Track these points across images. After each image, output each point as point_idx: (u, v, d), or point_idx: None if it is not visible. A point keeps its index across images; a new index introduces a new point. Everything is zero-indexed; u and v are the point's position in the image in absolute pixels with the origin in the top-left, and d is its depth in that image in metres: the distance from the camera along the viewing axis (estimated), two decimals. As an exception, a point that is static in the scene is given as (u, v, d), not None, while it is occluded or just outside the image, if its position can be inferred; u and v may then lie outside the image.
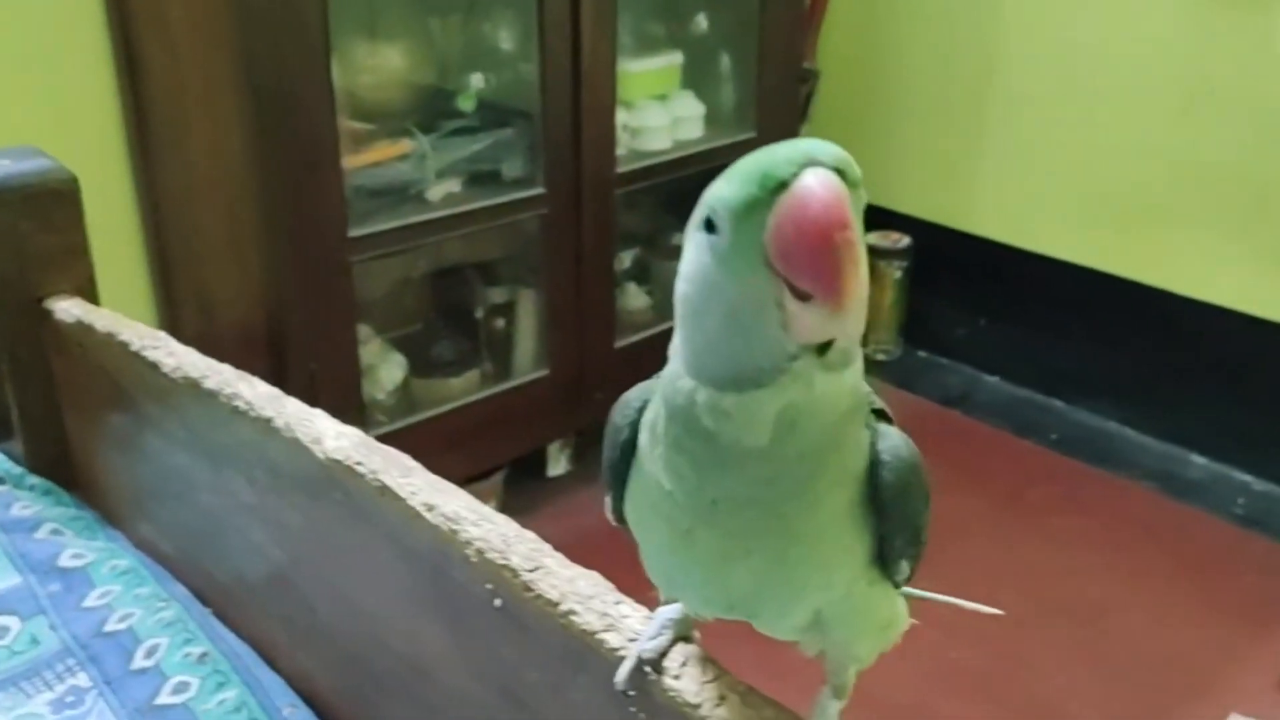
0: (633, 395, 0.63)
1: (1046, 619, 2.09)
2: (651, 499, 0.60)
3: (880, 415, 0.61)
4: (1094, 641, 2.03)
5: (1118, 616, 2.10)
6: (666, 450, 0.57)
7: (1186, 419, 2.46)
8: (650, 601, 0.76)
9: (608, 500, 0.66)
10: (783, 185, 0.48)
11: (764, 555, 0.57)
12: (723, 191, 0.50)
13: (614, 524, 0.68)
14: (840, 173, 0.49)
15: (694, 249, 0.52)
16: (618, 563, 0.82)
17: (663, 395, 0.56)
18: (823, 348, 0.50)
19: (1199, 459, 2.44)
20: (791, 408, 0.51)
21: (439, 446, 2.06)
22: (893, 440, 0.59)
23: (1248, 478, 2.38)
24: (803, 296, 0.47)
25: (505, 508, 2.23)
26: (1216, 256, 2.35)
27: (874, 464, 0.58)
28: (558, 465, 2.36)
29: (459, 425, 2.11)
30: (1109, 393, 2.57)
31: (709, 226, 0.50)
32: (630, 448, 0.62)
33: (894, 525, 0.60)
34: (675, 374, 0.55)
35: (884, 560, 0.61)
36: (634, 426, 0.61)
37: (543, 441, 2.32)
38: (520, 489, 2.31)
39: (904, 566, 0.63)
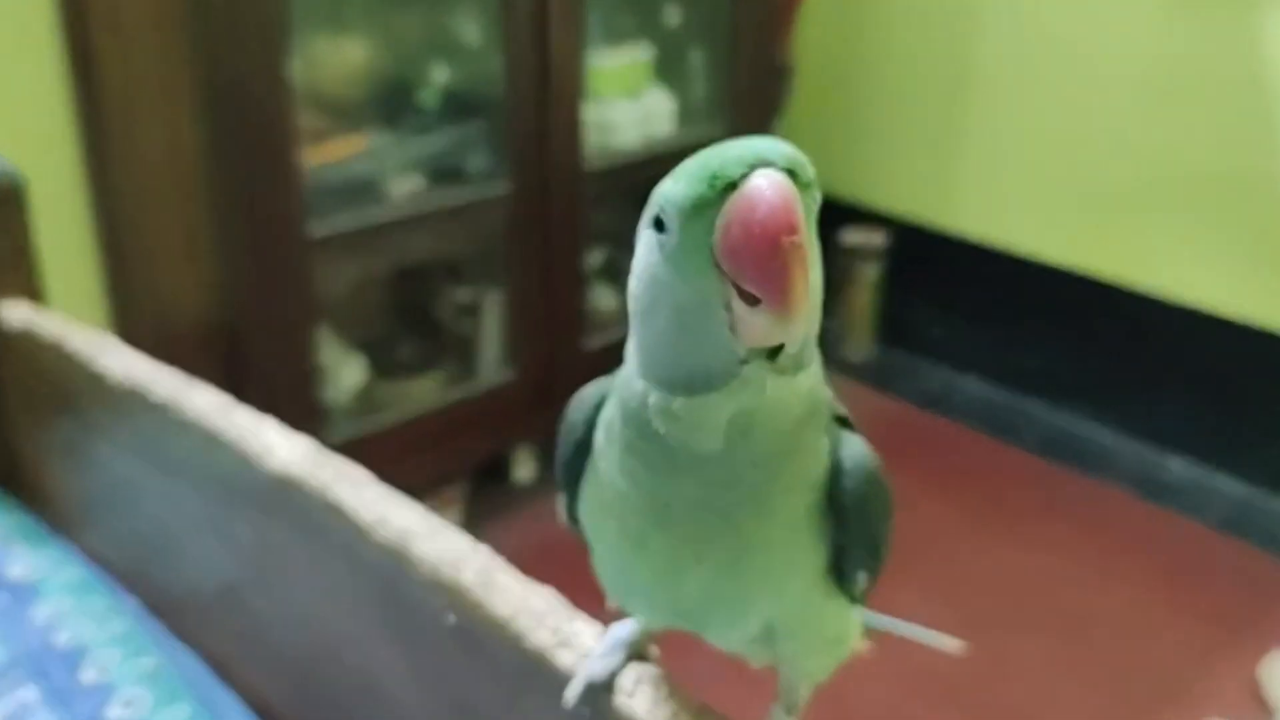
0: (589, 392, 0.62)
1: (1023, 624, 2.06)
2: (605, 500, 0.58)
3: (842, 422, 0.60)
4: (1071, 647, 2.01)
5: (1095, 621, 2.08)
6: (620, 451, 0.55)
7: (1165, 422, 2.45)
8: (609, 616, 0.73)
9: (561, 500, 0.64)
10: (732, 185, 0.47)
11: (716, 563, 0.56)
12: (672, 190, 0.49)
13: (567, 525, 0.66)
14: (792, 174, 0.48)
15: (644, 247, 0.51)
16: (582, 572, 0.78)
17: (618, 395, 0.55)
18: (773, 352, 0.49)
19: (1177, 462, 2.42)
20: (744, 413, 0.50)
21: (402, 451, 2.02)
22: (854, 447, 0.58)
23: (1226, 481, 2.36)
24: (750, 300, 0.46)
25: (469, 514, 2.22)
26: (1195, 258, 2.34)
27: (834, 471, 0.57)
28: (523, 471, 2.32)
29: (422, 429, 2.07)
30: (1087, 394, 2.55)
31: (658, 225, 0.49)
32: (585, 447, 0.60)
33: (852, 535, 0.58)
34: (630, 375, 0.53)
35: (840, 572, 0.60)
36: (590, 425, 0.60)
37: (508, 446, 2.28)
38: (485, 495, 2.27)
39: (861, 578, 0.61)
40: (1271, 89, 2.16)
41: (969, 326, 2.71)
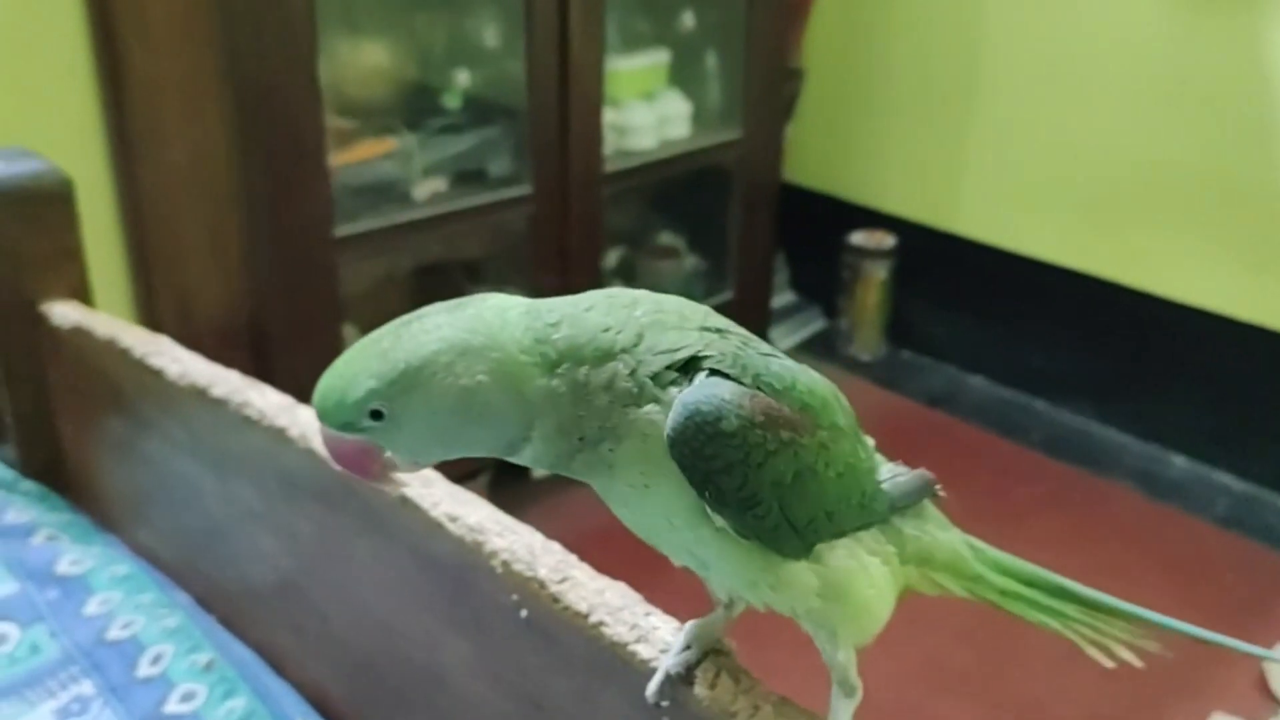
0: None
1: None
2: None
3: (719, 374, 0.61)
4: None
5: (1101, 615, 2.11)
6: None
7: (1168, 419, 2.48)
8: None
9: None
10: None
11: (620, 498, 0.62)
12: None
13: None
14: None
15: None
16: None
17: None
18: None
19: (1180, 459, 2.46)
20: None
21: (425, 448, 2.04)
22: (688, 394, 0.59)
23: (1228, 478, 2.40)
24: None
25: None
26: (1198, 258, 2.37)
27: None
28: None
29: (445, 426, 2.09)
30: (1092, 393, 2.58)
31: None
32: None
33: (685, 471, 0.59)
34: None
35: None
36: None
37: (528, 443, 2.31)
38: (504, 491, 2.29)
39: (713, 512, 0.60)
40: (1272, 92, 2.19)
41: (975, 326, 2.74)
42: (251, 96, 1.72)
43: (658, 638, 0.75)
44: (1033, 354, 2.63)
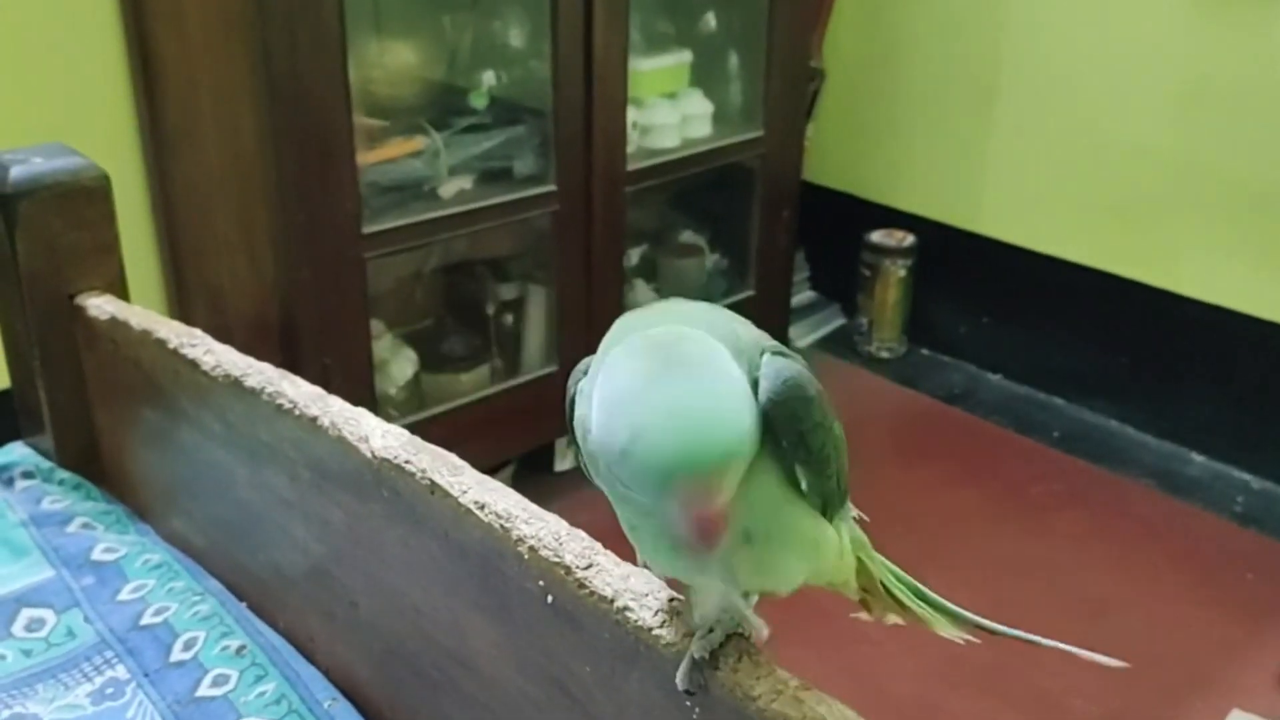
0: (581, 364, 0.69)
1: (1049, 613, 2.11)
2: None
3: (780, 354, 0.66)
4: (1096, 636, 2.03)
5: (1120, 612, 2.13)
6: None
7: (1187, 417, 2.49)
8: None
9: (581, 455, 0.71)
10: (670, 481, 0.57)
11: None
12: (628, 465, 0.58)
13: (586, 476, 0.72)
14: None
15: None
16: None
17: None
18: None
19: (1199, 457, 2.47)
20: None
21: (449, 441, 2.04)
22: (768, 367, 0.64)
23: (1247, 476, 2.41)
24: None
25: (517, 502, 2.27)
26: (1218, 256, 2.38)
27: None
28: (566, 460, 2.38)
29: (468, 420, 2.13)
30: (1110, 391, 2.59)
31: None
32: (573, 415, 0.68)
33: (781, 433, 0.64)
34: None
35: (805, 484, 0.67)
36: (573, 399, 0.68)
37: (551, 437, 2.34)
38: (528, 483, 2.32)
39: (801, 474, 0.66)
40: (1293, 94, 2.20)
41: (994, 324, 2.75)
42: (283, 96, 1.74)
43: (681, 623, 0.77)
44: (1051, 352, 2.64)
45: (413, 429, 2.02)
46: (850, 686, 1.91)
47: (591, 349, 2.42)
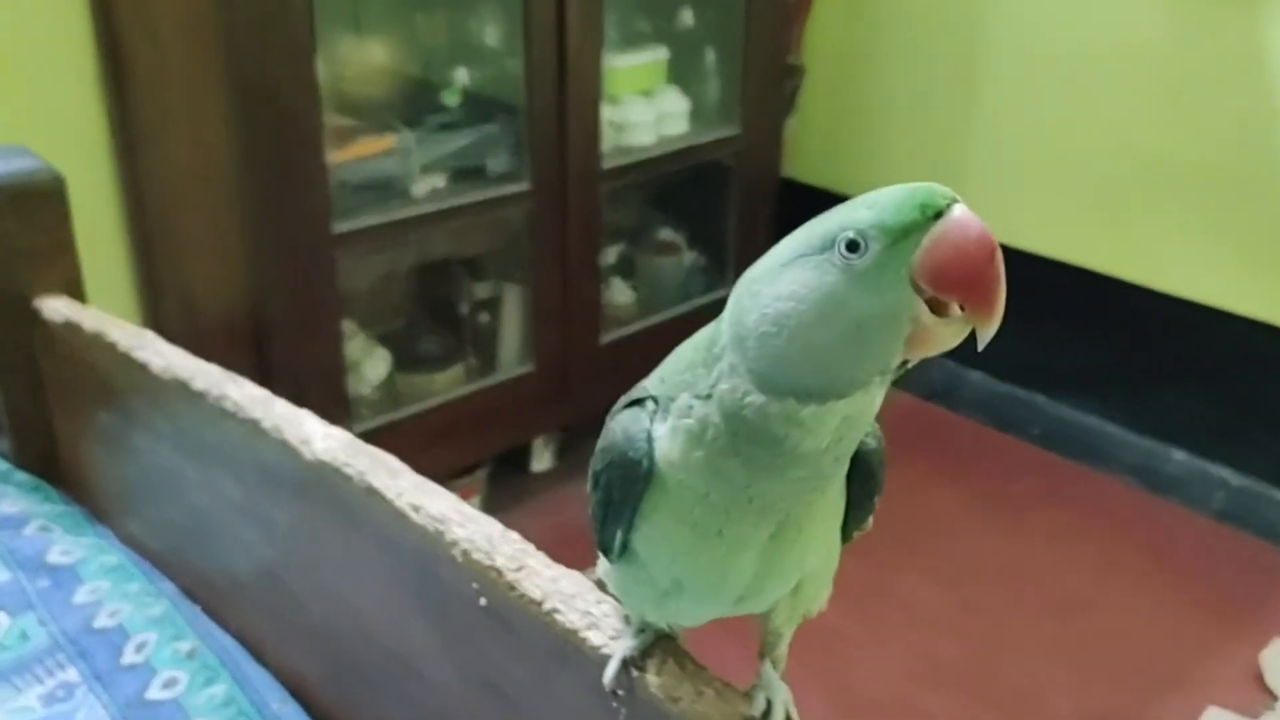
0: (634, 429, 0.66)
1: (1026, 612, 2.11)
2: (680, 511, 0.64)
3: None
4: (1073, 634, 2.06)
5: (1097, 610, 2.12)
6: (715, 456, 0.61)
7: (1167, 414, 2.48)
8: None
9: (616, 538, 0.68)
10: (939, 214, 0.54)
11: (784, 537, 0.64)
12: (873, 217, 0.55)
13: (614, 560, 0.70)
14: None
15: (809, 272, 0.56)
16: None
17: (723, 409, 0.60)
18: (904, 364, 0.56)
19: (1179, 454, 2.46)
20: (848, 418, 0.58)
21: (423, 442, 2.07)
22: None
23: (1226, 472, 2.40)
24: (939, 312, 0.54)
25: (489, 503, 2.27)
26: (1197, 254, 2.37)
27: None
28: (542, 461, 2.38)
29: (443, 420, 2.12)
30: (1091, 388, 2.59)
31: (852, 247, 0.54)
32: (649, 478, 0.65)
33: (871, 488, 0.68)
34: (739, 389, 0.59)
35: (851, 519, 0.69)
36: (650, 456, 0.64)
37: (527, 437, 2.33)
38: (504, 484, 2.32)
39: (869, 522, 0.70)
40: (1272, 88, 2.19)
41: None
42: (251, 94, 1.74)
43: (608, 625, 0.77)
44: (1032, 349, 2.63)
45: (387, 429, 2.04)
46: (825, 688, 1.91)
47: (569, 348, 2.43)
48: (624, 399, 0.68)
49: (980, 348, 0.56)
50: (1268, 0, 2.16)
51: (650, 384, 0.67)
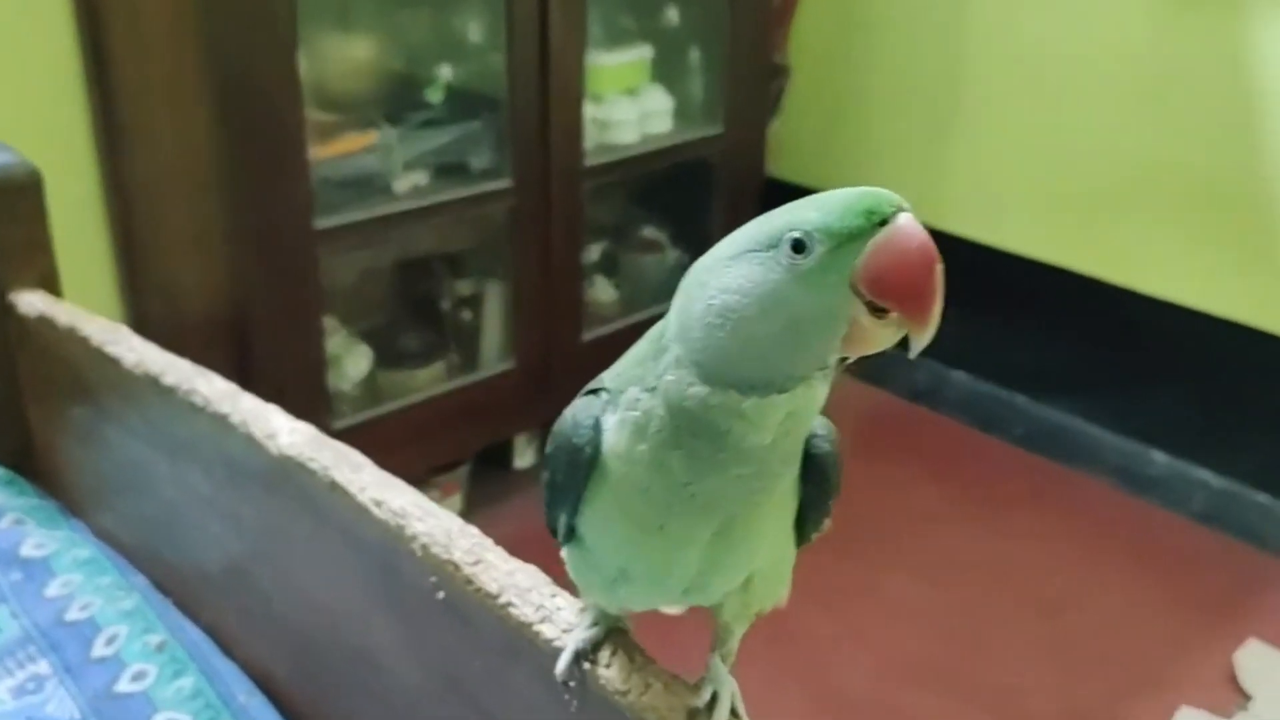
0: (581, 416, 0.67)
1: (1006, 611, 2.12)
2: (621, 502, 0.65)
3: None
4: (1052, 634, 2.07)
5: (1076, 610, 2.13)
6: (658, 449, 0.62)
7: (1148, 415, 2.49)
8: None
9: (560, 521, 0.70)
10: (884, 221, 0.55)
11: (728, 535, 0.64)
12: (819, 220, 0.56)
13: (561, 544, 0.72)
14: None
15: (754, 267, 0.57)
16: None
17: (667, 401, 0.60)
18: (842, 360, 0.58)
19: (1160, 455, 2.47)
20: (793, 413, 0.59)
21: (405, 438, 2.08)
22: (821, 419, 0.67)
23: (1206, 474, 2.40)
24: (878, 314, 0.56)
25: (470, 500, 2.28)
26: (1179, 255, 2.38)
27: (810, 440, 0.66)
28: (524, 457, 2.38)
29: (425, 417, 2.12)
30: (1073, 389, 2.59)
31: (797, 247, 0.56)
32: (592, 465, 0.66)
33: (827, 490, 0.68)
34: (683, 381, 0.60)
35: (807, 521, 0.69)
36: (594, 444, 0.66)
37: (509, 434, 2.34)
38: (486, 481, 2.32)
39: (826, 522, 0.70)
40: (1252, 91, 2.20)
41: (957, 322, 2.71)
42: (233, 90, 1.74)
43: (562, 618, 0.77)
44: (1014, 350, 2.64)
45: (368, 426, 2.04)
46: (806, 686, 1.91)
47: (550, 345, 2.44)
48: (583, 390, 0.69)
49: (912, 354, 0.57)
50: (1247, 6, 2.17)
51: (606, 377, 0.68)
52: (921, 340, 0.56)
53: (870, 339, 0.57)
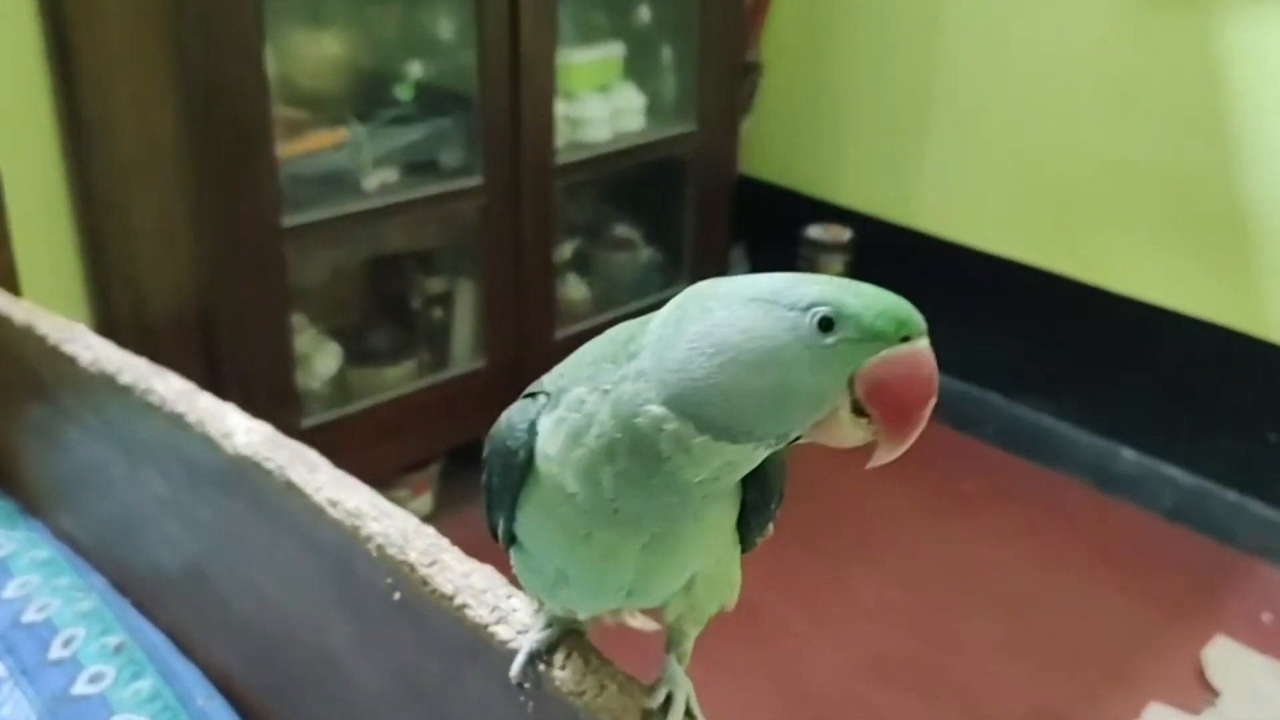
0: (517, 419, 0.66)
1: (976, 608, 2.12)
2: (549, 507, 0.64)
3: None
4: (1022, 631, 2.07)
5: (1046, 607, 2.14)
6: (590, 456, 0.61)
7: (1118, 414, 2.50)
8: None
9: (499, 522, 0.69)
10: (906, 338, 0.56)
11: (656, 547, 0.64)
12: (856, 310, 0.56)
13: (504, 548, 0.71)
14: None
15: (771, 321, 0.57)
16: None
17: (616, 410, 0.59)
18: (797, 439, 0.58)
19: (1130, 453, 2.47)
20: (729, 464, 0.59)
21: (374, 437, 2.06)
22: None
23: (1176, 472, 2.41)
24: (859, 414, 0.57)
25: (441, 499, 2.26)
26: (1149, 254, 2.38)
27: None
28: (497, 456, 2.37)
29: (395, 415, 2.11)
30: (1045, 387, 2.60)
31: (824, 325, 0.56)
32: (526, 468, 0.65)
33: (768, 494, 0.67)
34: (641, 395, 0.59)
35: (751, 526, 0.69)
36: (529, 448, 0.65)
37: (480, 433, 2.29)
38: (457, 480, 2.31)
39: (770, 527, 0.70)
40: (1221, 91, 2.21)
41: (930, 320, 2.71)
42: (199, 86, 1.72)
43: (517, 619, 0.77)
44: (987, 348, 2.65)
45: (337, 424, 2.03)
46: (772, 683, 1.91)
47: (521, 344, 2.43)
48: (524, 393, 0.68)
49: (869, 465, 0.59)
50: (1216, 6, 2.18)
51: (547, 380, 0.67)
52: (888, 457, 0.58)
53: (840, 433, 0.57)
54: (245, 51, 1.74)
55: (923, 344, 0.57)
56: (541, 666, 0.74)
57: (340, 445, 0.95)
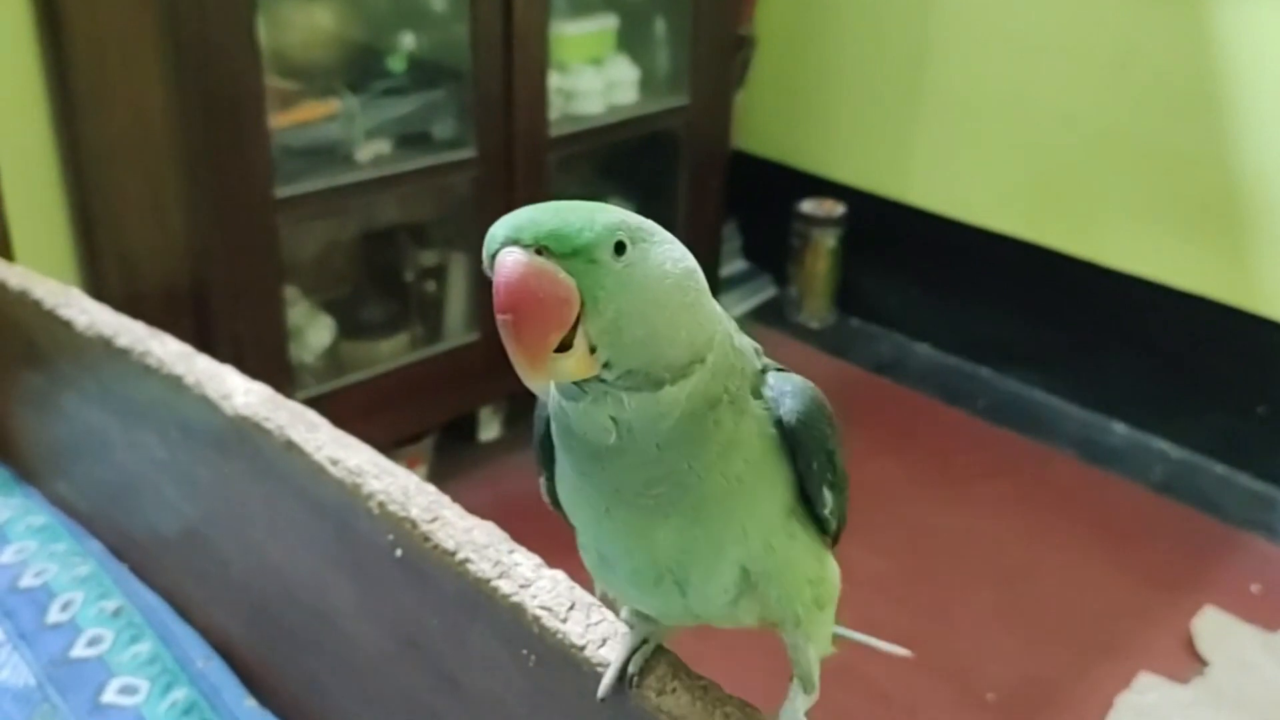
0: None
1: (967, 580, 2.13)
2: (571, 483, 0.64)
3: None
4: (1012, 602, 2.08)
5: (1036, 578, 2.15)
6: (559, 446, 0.62)
7: (1109, 387, 2.51)
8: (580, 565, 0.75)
9: (542, 483, 0.69)
10: (493, 259, 0.55)
11: (679, 517, 0.61)
12: (489, 234, 0.57)
13: (551, 507, 0.69)
14: (546, 248, 0.54)
15: None
16: (546, 528, 0.82)
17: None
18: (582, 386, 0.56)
19: (1120, 427, 2.49)
20: (618, 419, 0.57)
21: (368, 410, 2.06)
22: (785, 383, 0.63)
23: (1166, 445, 2.43)
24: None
25: (436, 472, 2.26)
26: (1141, 229, 2.39)
27: (775, 407, 0.62)
28: (489, 430, 2.37)
29: (388, 388, 2.11)
30: (1036, 361, 2.61)
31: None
32: (548, 439, 0.65)
33: (808, 454, 0.63)
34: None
35: (807, 497, 0.65)
36: (546, 420, 0.65)
37: (474, 406, 2.32)
38: (452, 453, 2.31)
39: (827, 496, 0.65)
40: (1214, 66, 2.21)
41: (922, 295, 2.76)
42: (191, 57, 1.71)
43: (519, 574, 0.77)
44: (978, 322, 2.66)
45: (330, 397, 2.02)
46: (766, 655, 1.91)
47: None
48: None
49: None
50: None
51: None
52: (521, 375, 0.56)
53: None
54: (237, 22, 1.73)
55: (496, 263, 0.54)
56: (632, 688, 0.71)
57: (334, 419, 0.95)
